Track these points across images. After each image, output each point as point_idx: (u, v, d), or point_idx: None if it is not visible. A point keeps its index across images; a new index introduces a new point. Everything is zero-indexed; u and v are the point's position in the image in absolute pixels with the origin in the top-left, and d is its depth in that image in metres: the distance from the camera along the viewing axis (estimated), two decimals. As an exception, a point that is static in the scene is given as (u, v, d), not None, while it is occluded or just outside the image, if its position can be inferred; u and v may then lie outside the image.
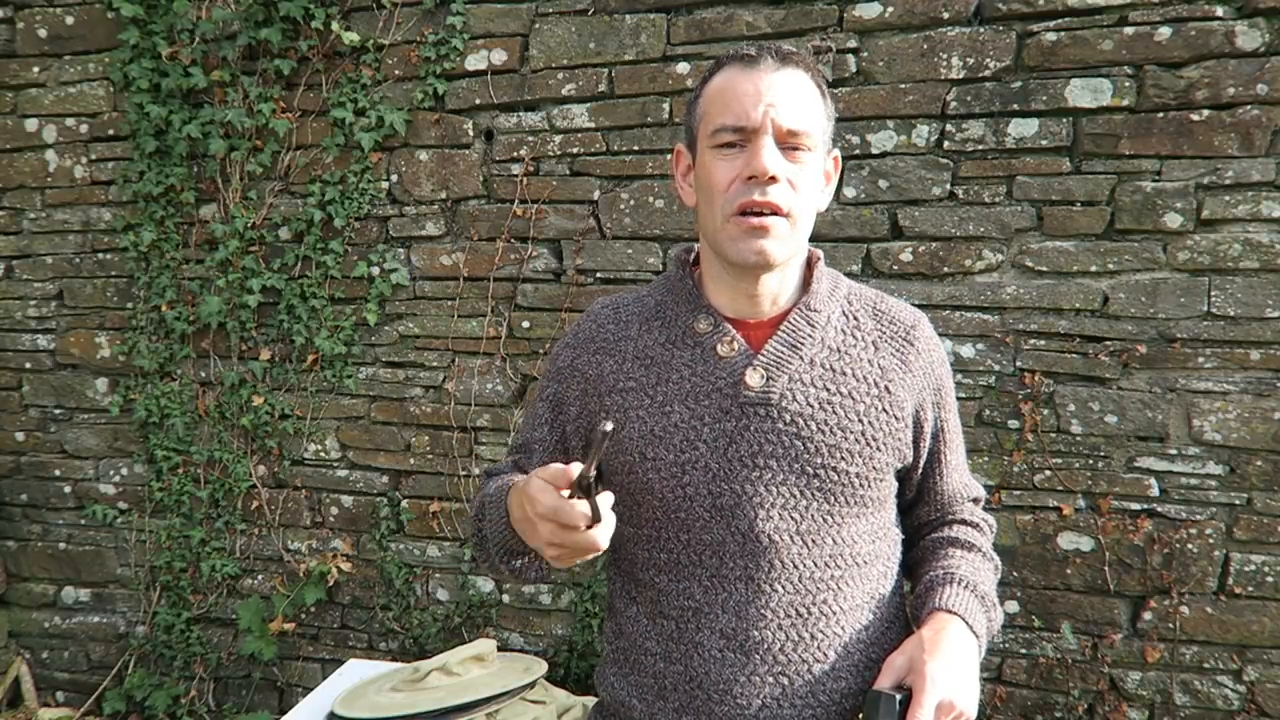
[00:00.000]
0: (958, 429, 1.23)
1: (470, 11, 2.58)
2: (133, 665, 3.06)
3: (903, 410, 1.11)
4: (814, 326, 1.11)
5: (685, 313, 1.13)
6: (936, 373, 1.16)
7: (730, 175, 1.04)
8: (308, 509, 2.90)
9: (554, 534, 0.89)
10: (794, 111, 1.03)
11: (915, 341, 1.14)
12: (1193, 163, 2.18)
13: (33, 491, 3.11)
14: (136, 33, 2.74)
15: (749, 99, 1.02)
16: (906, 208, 2.36)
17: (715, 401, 1.07)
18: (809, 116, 1.04)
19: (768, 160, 1.01)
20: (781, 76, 1.04)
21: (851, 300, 1.16)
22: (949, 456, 1.21)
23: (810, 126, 1.04)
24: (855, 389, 1.09)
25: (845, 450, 1.07)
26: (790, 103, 1.03)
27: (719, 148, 1.05)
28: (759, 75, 1.04)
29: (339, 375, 2.80)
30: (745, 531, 1.05)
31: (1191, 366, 2.22)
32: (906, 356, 1.13)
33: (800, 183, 1.04)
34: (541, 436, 1.20)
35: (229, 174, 2.80)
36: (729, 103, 1.04)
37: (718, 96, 1.06)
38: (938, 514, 1.24)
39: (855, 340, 1.12)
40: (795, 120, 1.03)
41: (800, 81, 1.05)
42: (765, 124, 1.02)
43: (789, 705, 1.05)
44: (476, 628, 2.80)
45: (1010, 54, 2.25)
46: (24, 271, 3.02)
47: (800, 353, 1.09)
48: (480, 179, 2.65)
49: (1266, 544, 2.22)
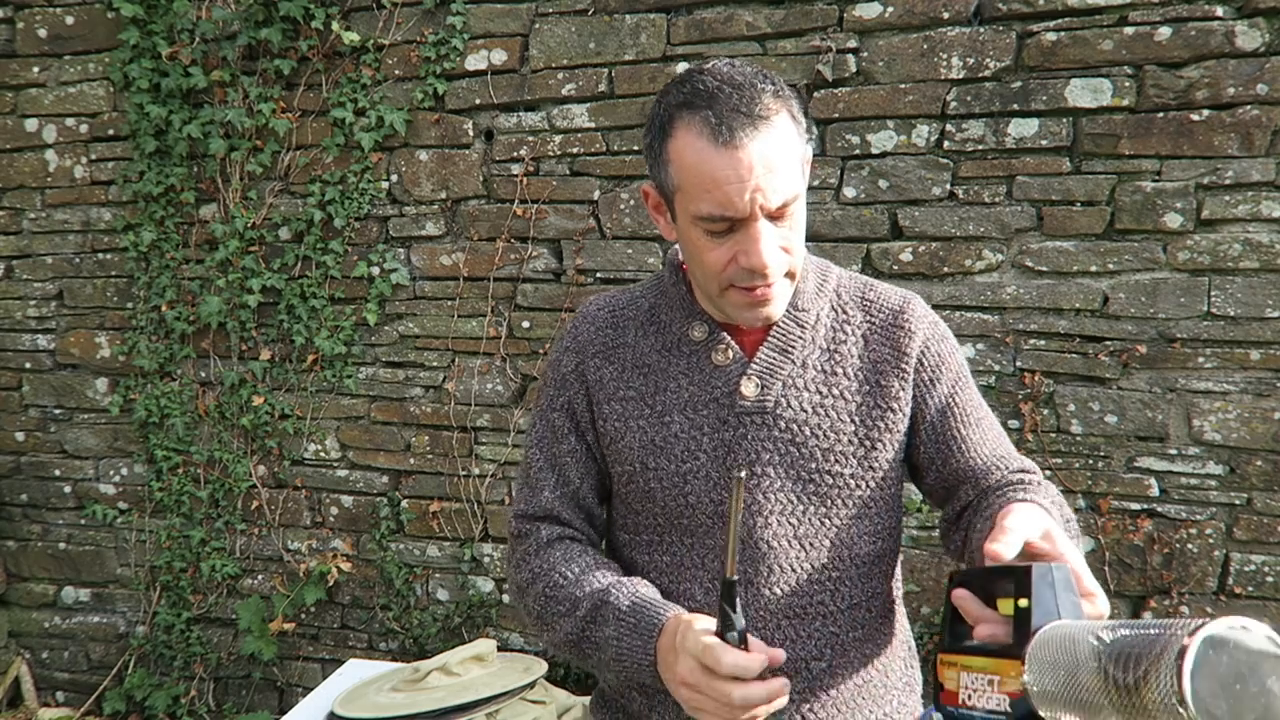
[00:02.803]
0: (977, 404, 1.13)
1: (470, 11, 2.58)
2: (133, 665, 3.06)
3: (898, 401, 1.09)
4: (804, 328, 1.10)
5: (680, 319, 1.12)
6: (933, 350, 1.11)
7: (724, 258, 0.98)
8: (308, 509, 2.90)
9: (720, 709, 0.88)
10: (780, 184, 0.95)
11: (905, 324, 1.11)
12: (1193, 163, 2.18)
13: (33, 491, 3.11)
14: (136, 33, 2.74)
15: (732, 187, 0.93)
16: (906, 208, 2.36)
17: (713, 411, 1.07)
18: (793, 176, 0.97)
19: (766, 255, 0.96)
20: (759, 145, 0.93)
21: (840, 292, 1.14)
22: (966, 433, 1.10)
23: (795, 186, 0.97)
24: (847, 388, 1.08)
25: (839, 453, 1.07)
26: (775, 176, 0.94)
27: (706, 231, 0.98)
28: (738, 155, 0.93)
29: (339, 375, 2.80)
30: (745, 538, 1.05)
31: (1191, 366, 2.22)
32: (897, 341, 1.10)
33: (794, 241, 1.00)
34: (571, 447, 1.14)
35: (229, 174, 2.80)
36: (709, 189, 0.94)
37: (693, 176, 0.96)
38: (976, 493, 1.09)
39: (845, 336, 1.11)
40: (782, 194, 0.95)
41: (778, 139, 0.95)
42: (754, 211, 0.94)
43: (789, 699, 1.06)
44: (476, 628, 2.80)
45: (1010, 54, 2.25)
46: (24, 271, 3.02)
47: (791, 356, 1.08)
48: (480, 179, 2.65)
49: (1266, 544, 2.22)
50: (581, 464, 1.15)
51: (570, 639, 1.06)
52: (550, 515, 1.14)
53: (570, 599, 1.05)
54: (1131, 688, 0.60)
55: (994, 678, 0.78)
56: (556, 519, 1.14)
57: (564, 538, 1.13)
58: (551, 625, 1.08)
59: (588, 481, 1.15)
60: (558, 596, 1.07)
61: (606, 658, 1.01)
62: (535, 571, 1.10)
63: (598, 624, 1.02)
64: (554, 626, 1.07)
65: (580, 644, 1.05)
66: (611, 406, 1.11)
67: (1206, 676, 0.57)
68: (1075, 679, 0.66)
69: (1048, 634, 0.72)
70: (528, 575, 1.11)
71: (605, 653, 1.01)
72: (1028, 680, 0.72)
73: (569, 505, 1.15)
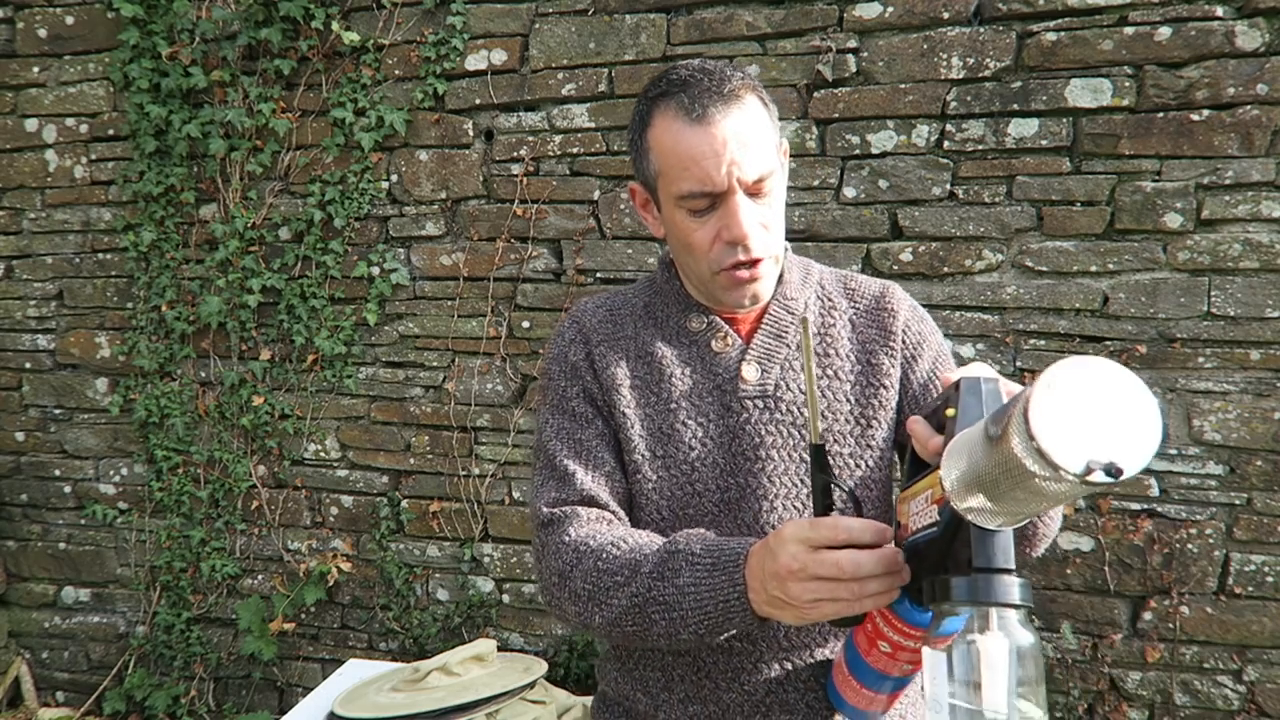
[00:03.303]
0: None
1: (470, 11, 2.58)
2: (133, 665, 3.06)
3: (889, 379, 1.12)
4: (794, 315, 1.13)
5: (676, 312, 1.15)
6: (914, 329, 1.16)
7: (709, 237, 1.03)
8: (308, 509, 2.90)
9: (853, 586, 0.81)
10: (755, 158, 1.00)
11: (888, 306, 1.16)
12: (1193, 163, 2.18)
13: (33, 491, 3.11)
14: (136, 33, 2.74)
15: (709, 161, 0.99)
16: (906, 208, 2.36)
17: (716, 398, 1.09)
18: (767, 153, 1.02)
19: (747, 226, 1.01)
20: (732, 122, 0.99)
21: (824, 284, 1.18)
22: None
23: (770, 163, 1.02)
24: (841, 368, 1.11)
25: (838, 433, 1.09)
26: (749, 150, 1.00)
27: (688, 211, 1.03)
28: (711, 130, 0.99)
29: (339, 375, 2.80)
30: (750, 524, 1.07)
31: (1191, 366, 2.22)
32: (883, 322, 1.14)
33: (773, 219, 1.05)
34: (599, 430, 1.11)
35: (229, 174, 2.80)
36: (688, 166, 1.00)
37: (672, 157, 1.01)
38: None
39: (834, 320, 1.15)
40: (758, 167, 1.00)
41: (749, 116, 1.01)
42: (732, 184, 1.00)
43: (794, 689, 1.07)
44: (476, 628, 2.80)
45: (1010, 54, 2.25)
46: (24, 271, 3.02)
47: (786, 341, 1.11)
48: (480, 179, 2.65)
49: (1266, 544, 2.22)
50: (610, 447, 1.11)
51: (634, 605, 0.97)
52: (587, 498, 1.08)
53: (630, 564, 0.98)
54: (998, 438, 0.60)
55: (928, 493, 0.77)
56: (593, 501, 1.08)
57: (604, 519, 1.07)
58: (606, 600, 0.99)
59: (620, 464, 1.11)
60: (611, 568, 0.99)
61: (683, 610, 0.93)
62: (580, 551, 1.02)
63: (667, 578, 0.95)
64: (609, 600, 0.99)
65: (645, 608, 0.96)
66: (620, 395, 1.11)
67: (1052, 407, 0.57)
68: (973, 459, 0.65)
69: (960, 434, 0.71)
70: (570, 557, 1.02)
71: (680, 606, 0.93)
72: (943, 478, 0.70)
73: (605, 487, 1.09)
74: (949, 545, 0.73)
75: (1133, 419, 0.57)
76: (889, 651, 0.88)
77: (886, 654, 0.89)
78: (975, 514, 0.67)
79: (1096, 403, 0.57)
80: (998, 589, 0.68)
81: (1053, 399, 0.57)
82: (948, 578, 0.70)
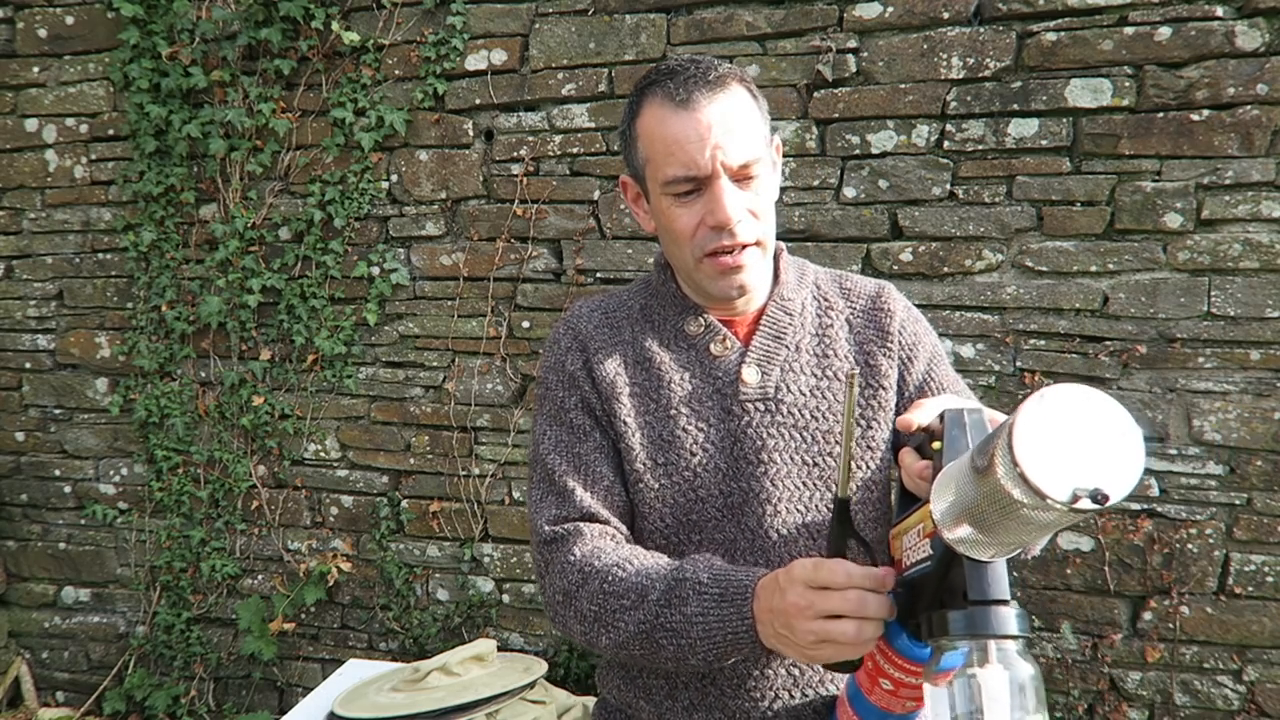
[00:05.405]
0: (953, 379, 1.16)
1: (470, 11, 2.58)
2: (133, 665, 3.06)
3: (887, 379, 1.12)
4: (791, 315, 1.12)
5: (673, 315, 1.13)
6: (910, 330, 1.15)
7: (693, 222, 1.03)
8: (308, 509, 2.90)
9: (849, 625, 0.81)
10: (740, 144, 1.00)
11: (884, 305, 1.15)
12: (1193, 163, 2.18)
13: (33, 491, 3.11)
14: (136, 33, 2.74)
15: (693, 145, 0.99)
16: (906, 208, 2.36)
17: (717, 403, 1.08)
18: (753, 140, 1.02)
19: (730, 209, 1.00)
20: (717, 107, 1.00)
21: (819, 284, 1.18)
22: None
23: (757, 150, 1.02)
24: (840, 369, 1.11)
25: (839, 434, 1.08)
26: (734, 136, 1.00)
27: (674, 196, 1.03)
28: (696, 115, 1.00)
29: (339, 375, 2.80)
30: (754, 529, 1.06)
31: (1191, 366, 2.22)
32: (880, 322, 1.14)
33: (760, 206, 1.04)
34: (597, 443, 1.10)
35: (229, 174, 2.80)
36: (673, 151, 1.01)
37: (658, 143, 1.02)
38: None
39: (831, 320, 1.14)
40: (743, 153, 1.00)
41: (735, 103, 1.02)
42: (716, 168, 1.00)
43: (800, 694, 1.07)
44: (476, 628, 2.80)
45: (1010, 54, 2.25)
46: (24, 271, 3.02)
47: (785, 342, 1.11)
48: (480, 179, 2.65)
49: (1266, 544, 2.22)
50: (610, 460, 1.10)
51: (641, 631, 0.96)
52: (588, 514, 1.07)
53: (636, 589, 0.97)
54: (985, 469, 0.61)
55: (919, 526, 0.77)
56: (594, 517, 1.07)
57: (606, 535, 1.06)
58: (613, 623, 0.98)
59: (619, 477, 1.10)
60: (618, 590, 0.98)
61: (690, 639, 0.93)
62: (586, 571, 1.01)
63: (674, 605, 0.94)
64: (616, 624, 0.98)
65: (653, 633, 0.95)
66: (620, 403, 1.10)
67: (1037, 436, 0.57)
68: (961, 490, 0.65)
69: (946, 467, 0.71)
70: (576, 578, 1.01)
71: (688, 635, 0.93)
72: (933, 511, 0.70)
73: (605, 503, 1.08)
74: (943, 579, 0.73)
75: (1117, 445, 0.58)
76: (891, 689, 0.88)
77: (889, 691, 0.88)
78: (966, 545, 0.68)
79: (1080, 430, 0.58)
80: (994, 621, 0.68)
81: (1037, 428, 0.57)
82: (944, 612, 0.70)
